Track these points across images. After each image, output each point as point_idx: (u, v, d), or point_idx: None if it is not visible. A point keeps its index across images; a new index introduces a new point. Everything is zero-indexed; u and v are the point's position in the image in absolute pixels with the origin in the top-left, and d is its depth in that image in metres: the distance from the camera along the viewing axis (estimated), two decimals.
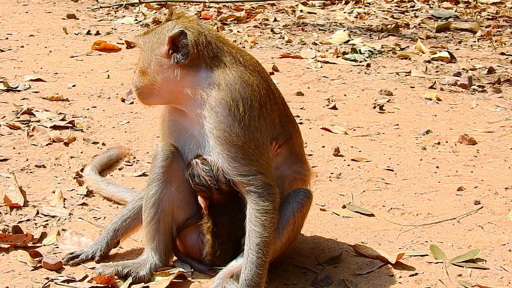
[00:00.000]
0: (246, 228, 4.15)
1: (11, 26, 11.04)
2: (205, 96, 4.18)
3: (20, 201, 5.31)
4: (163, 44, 4.26)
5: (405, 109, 7.85)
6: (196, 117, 4.23)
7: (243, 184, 4.14)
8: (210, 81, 4.20)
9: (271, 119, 4.30)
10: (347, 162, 6.38)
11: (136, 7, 12.88)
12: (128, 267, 4.38)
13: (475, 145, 6.80)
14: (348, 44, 10.62)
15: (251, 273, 4.06)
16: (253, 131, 4.15)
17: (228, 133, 4.10)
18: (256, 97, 4.20)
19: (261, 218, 4.11)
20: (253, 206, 4.13)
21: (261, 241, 4.09)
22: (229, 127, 4.11)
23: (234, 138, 4.10)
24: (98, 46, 9.81)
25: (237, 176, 4.14)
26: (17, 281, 4.30)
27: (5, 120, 6.91)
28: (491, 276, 4.59)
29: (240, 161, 4.11)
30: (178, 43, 4.21)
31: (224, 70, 4.21)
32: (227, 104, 4.12)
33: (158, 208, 4.43)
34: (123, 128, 6.93)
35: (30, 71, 8.70)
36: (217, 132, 4.12)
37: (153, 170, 4.47)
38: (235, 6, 13.22)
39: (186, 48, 4.19)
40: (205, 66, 4.23)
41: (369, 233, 5.13)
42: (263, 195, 4.13)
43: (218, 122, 4.12)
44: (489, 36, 11.22)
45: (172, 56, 4.22)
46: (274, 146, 4.33)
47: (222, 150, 4.12)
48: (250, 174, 4.12)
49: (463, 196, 5.75)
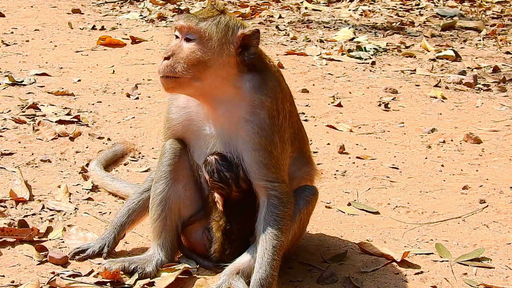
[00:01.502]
0: (261, 229, 4.18)
1: (16, 21, 11.03)
2: (249, 99, 4.12)
3: (26, 195, 5.31)
4: (233, 39, 4.09)
5: (410, 107, 7.85)
6: (230, 117, 4.15)
7: (267, 188, 4.17)
8: (257, 84, 4.14)
9: (293, 127, 4.37)
10: (352, 159, 6.37)
11: (141, 3, 12.88)
12: (135, 263, 4.38)
13: (480, 144, 6.80)
14: (353, 41, 10.61)
15: (265, 273, 4.09)
16: (285, 141, 4.21)
17: (269, 141, 4.10)
18: (288, 106, 4.25)
19: (280, 222, 4.15)
20: (274, 210, 4.16)
21: (278, 244, 4.13)
22: (271, 134, 4.11)
23: (273, 147, 4.12)
24: (103, 41, 9.80)
25: (262, 181, 4.15)
26: (23, 275, 4.31)
27: (11, 114, 6.91)
28: (496, 275, 4.59)
29: (271, 169, 4.14)
30: (249, 42, 4.10)
31: (268, 75, 4.19)
32: (271, 111, 4.11)
33: (165, 205, 4.44)
34: (129, 123, 6.93)
35: (36, 65, 8.70)
36: (257, 138, 4.10)
37: (160, 168, 4.46)
38: (240, 3, 13.21)
39: (255, 48, 4.12)
40: (254, 68, 4.16)
41: (374, 231, 5.13)
42: (283, 202, 4.17)
43: (260, 128, 4.10)
44: (494, 35, 11.22)
45: (242, 54, 4.09)
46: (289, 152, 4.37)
47: (257, 156, 4.11)
48: (276, 181, 4.16)
49: (468, 194, 5.75)
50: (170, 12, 12.15)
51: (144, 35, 10.42)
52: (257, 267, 4.11)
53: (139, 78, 8.34)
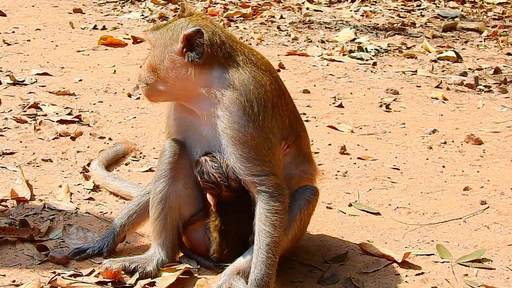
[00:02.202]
0: (256, 227, 4.16)
1: (17, 20, 11.03)
2: (219, 96, 4.14)
3: (27, 195, 5.31)
4: (177, 41, 4.19)
5: (411, 108, 7.85)
6: (208, 116, 4.19)
7: (255, 184, 4.14)
8: (224, 80, 4.17)
9: (282, 120, 4.30)
10: (353, 160, 6.38)
11: (143, 2, 12.87)
12: (135, 263, 4.38)
13: (481, 145, 6.80)
14: (355, 42, 10.61)
15: (261, 272, 4.07)
16: (267, 132, 4.15)
17: (243, 133, 4.09)
18: (269, 97, 4.20)
19: (271, 218, 4.11)
20: (264, 206, 4.13)
21: (271, 241, 4.09)
22: (243, 127, 4.09)
23: (248, 139, 4.09)
24: (104, 41, 9.80)
25: (249, 176, 4.13)
26: (24, 275, 4.31)
27: (12, 114, 6.91)
28: (497, 276, 4.59)
29: (253, 162, 4.10)
30: (193, 41, 4.15)
31: (237, 70, 4.19)
32: (241, 104, 4.10)
33: (165, 204, 4.44)
34: (130, 123, 6.94)
35: (37, 65, 8.70)
36: (231, 132, 4.10)
37: (160, 167, 4.47)
38: (242, 3, 13.20)
39: (201, 47, 4.13)
40: (218, 66, 4.19)
41: (375, 232, 5.14)
42: (274, 196, 4.13)
43: (232, 122, 4.10)
44: (495, 36, 11.21)
45: (186, 55, 4.16)
46: (283, 146, 4.33)
47: (235, 150, 4.11)
48: (262, 175, 4.12)
49: (469, 196, 5.75)
50: (172, 12, 12.15)
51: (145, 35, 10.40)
52: (252, 267, 4.10)
53: None
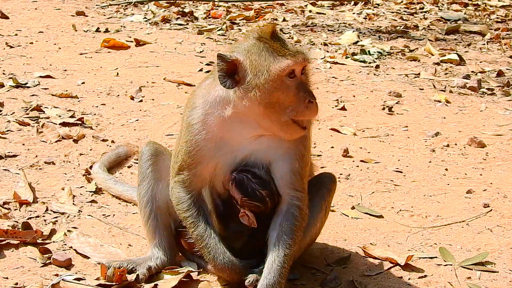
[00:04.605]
0: (276, 236, 4.14)
1: (20, 23, 11.05)
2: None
3: (30, 198, 5.31)
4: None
5: (414, 111, 7.84)
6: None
7: (292, 197, 4.14)
8: None
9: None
10: (356, 163, 6.37)
11: (145, 5, 12.90)
12: (134, 263, 4.41)
13: (484, 148, 6.80)
14: (357, 45, 10.62)
15: (273, 279, 4.08)
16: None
17: (304, 146, 4.16)
18: None
19: (295, 232, 4.14)
20: (291, 219, 4.14)
21: (289, 253, 4.12)
22: (306, 140, 4.18)
23: (305, 153, 4.17)
24: (107, 43, 9.81)
25: (292, 190, 4.13)
26: (26, 277, 4.31)
27: (15, 116, 6.91)
28: (500, 279, 4.58)
29: (301, 177, 4.15)
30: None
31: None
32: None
33: (152, 205, 4.49)
34: (132, 126, 6.93)
35: (40, 67, 8.71)
36: (295, 146, 4.13)
37: (140, 170, 4.55)
38: (244, 6, 13.22)
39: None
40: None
41: (378, 235, 5.13)
42: (302, 214, 4.17)
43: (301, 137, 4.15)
44: (498, 39, 11.21)
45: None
46: None
47: (291, 163, 4.12)
48: (302, 190, 4.17)
49: (472, 198, 5.74)
50: (174, 15, 12.16)
51: (148, 38, 10.43)
52: (265, 272, 4.09)
53: (143, 81, 8.34)
